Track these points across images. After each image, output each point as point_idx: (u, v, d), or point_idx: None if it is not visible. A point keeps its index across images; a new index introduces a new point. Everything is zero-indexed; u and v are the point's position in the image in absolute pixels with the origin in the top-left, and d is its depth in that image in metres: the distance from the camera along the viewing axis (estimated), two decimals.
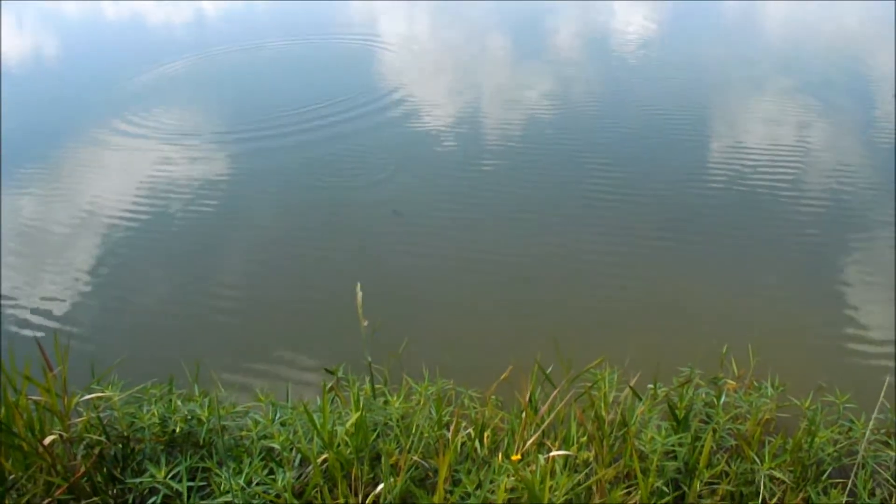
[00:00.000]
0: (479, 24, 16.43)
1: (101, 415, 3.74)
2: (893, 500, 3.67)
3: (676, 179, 8.38)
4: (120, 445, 3.68)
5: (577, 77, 12.05)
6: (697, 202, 7.87)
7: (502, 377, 4.04)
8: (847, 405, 4.30)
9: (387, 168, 8.80)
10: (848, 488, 3.79)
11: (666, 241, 7.21)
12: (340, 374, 4.22)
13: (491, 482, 3.45)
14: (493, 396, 4.13)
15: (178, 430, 3.77)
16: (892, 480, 3.88)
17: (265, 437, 3.69)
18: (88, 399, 3.72)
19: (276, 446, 3.60)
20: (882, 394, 3.68)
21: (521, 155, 9.14)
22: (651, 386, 4.13)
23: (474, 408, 4.09)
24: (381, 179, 8.58)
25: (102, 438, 3.63)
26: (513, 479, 3.35)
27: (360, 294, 3.30)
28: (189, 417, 3.82)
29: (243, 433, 3.80)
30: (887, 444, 4.15)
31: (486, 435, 3.75)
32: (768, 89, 11.31)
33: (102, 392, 3.71)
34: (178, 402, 3.90)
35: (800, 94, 11.00)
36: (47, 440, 3.42)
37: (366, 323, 3.37)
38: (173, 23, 17.52)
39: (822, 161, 8.71)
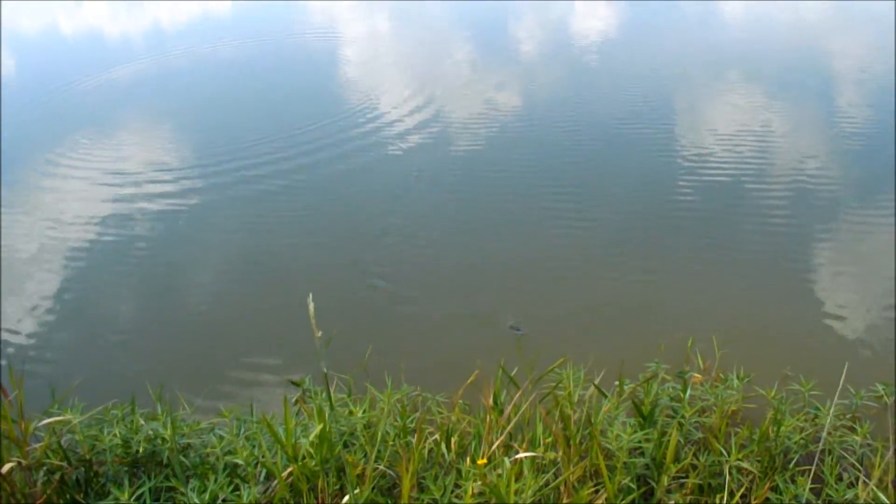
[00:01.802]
0: (442, 27, 16.46)
1: (62, 439, 3.69)
2: (860, 483, 3.67)
3: (638, 181, 8.40)
4: (82, 469, 3.63)
5: (541, 82, 12.05)
6: (660, 202, 7.88)
7: (468, 381, 4.03)
8: (812, 392, 4.33)
9: (351, 184, 8.76)
10: (815, 474, 3.80)
11: (627, 241, 7.22)
12: (306, 385, 4.19)
13: (458, 487, 3.44)
14: (461, 401, 4.11)
15: (141, 450, 3.72)
16: (857, 465, 3.89)
17: (230, 452, 3.65)
18: (47, 423, 3.66)
19: (241, 462, 3.56)
20: (842, 378, 3.67)
21: (483, 163, 9.12)
22: (617, 383, 4.12)
23: (441, 413, 4.08)
24: (349, 194, 8.56)
25: (63, 463, 3.57)
26: (480, 483, 3.33)
27: (311, 305, 3.26)
28: (152, 437, 3.78)
29: (208, 450, 3.76)
30: (853, 430, 4.18)
31: (453, 440, 3.74)
32: (729, 86, 11.38)
33: (61, 416, 3.65)
34: (141, 422, 3.85)
35: (761, 91, 11.06)
36: (5, 468, 3.35)
37: (320, 333, 3.34)
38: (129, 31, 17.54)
39: (785, 156, 8.76)
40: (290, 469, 3.49)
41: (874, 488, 3.58)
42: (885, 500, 3.49)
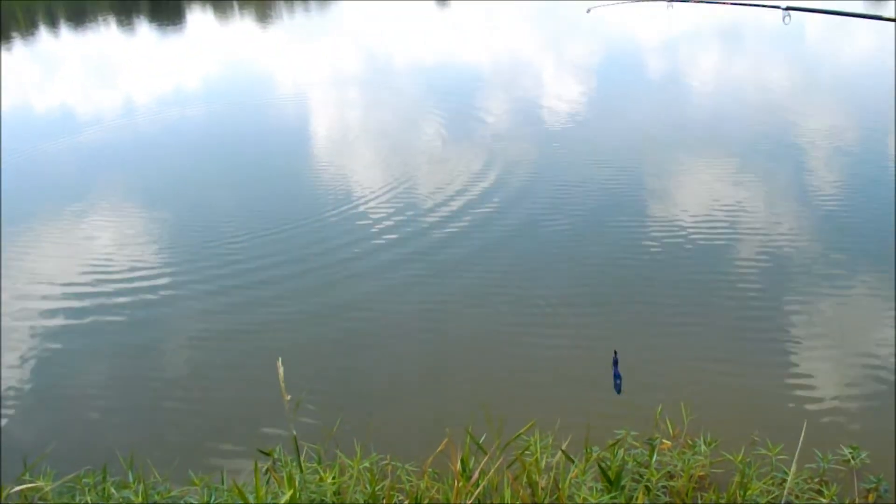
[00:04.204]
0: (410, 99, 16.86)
1: None
2: None
3: (607, 248, 8.54)
4: None
5: (511, 155, 12.26)
6: (629, 268, 8.00)
7: (439, 449, 4.06)
8: (780, 457, 4.39)
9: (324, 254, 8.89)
10: None
11: (596, 307, 7.31)
12: (276, 455, 4.22)
13: None
14: (430, 469, 4.15)
15: None
16: None
17: None
18: (19, 490, 3.68)
19: None
20: (801, 437, 3.74)
21: (449, 230, 9.29)
22: (586, 450, 4.17)
23: (410, 481, 4.11)
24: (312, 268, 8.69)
25: None
26: None
27: (280, 369, 3.33)
28: None
29: None
30: (819, 493, 4.24)
31: None
32: (699, 155, 11.64)
33: (33, 482, 3.68)
34: (112, 490, 3.88)
35: (730, 159, 11.31)
36: None
37: (289, 398, 3.40)
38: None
39: (755, 222, 8.93)
40: None
41: None
42: None
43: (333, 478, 3.84)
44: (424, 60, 21.39)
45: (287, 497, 3.56)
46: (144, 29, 35.20)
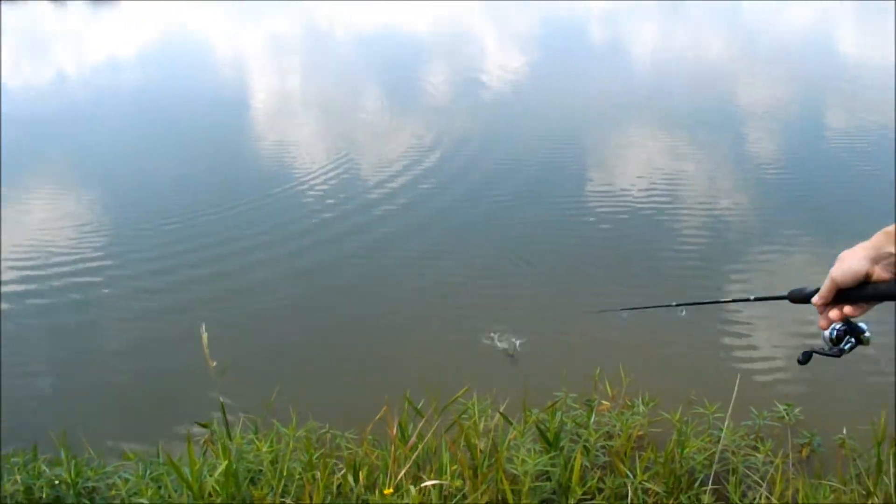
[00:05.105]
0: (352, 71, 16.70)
1: None
2: (762, 499, 3.78)
3: (546, 218, 8.59)
4: None
5: (455, 123, 12.24)
6: (568, 236, 8.06)
7: (378, 416, 4.05)
8: (716, 415, 4.44)
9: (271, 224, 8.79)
10: (719, 493, 3.90)
11: (536, 275, 7.35)
12: (214, 427, 4.17)
13: None
14: (370, 436, 4.14)
15: (44, 495, 3.66)
16: (760, 481, 3.99)
17: (135, 494, 3.61)
18: None
19: (146, 502, 3.53)
20: (733, 397, 3.80)
21: (390, 204, 9.26)
22: (524, 412, 4.19)
23: (349, 448, 4.09)
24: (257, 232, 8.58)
25: None
26: None
27: (204, 335, 3.28)
28: (55, 482, 3.72)
29: (113, 493, 3.71)
30: (756, 449, 4.30)
31: (361, 473, 3.75)
32: (640, 122, 11.75)
33: None
34: (44, 468, 3.80)
35: (670, 127, 11.44)
36: None
37: (214, 364, 3.35)
38: None
39: (694, 192, 9.04)
40: None
41: (776, 502, 3.68)
42: None
43: (270, 446, 3.80)
44: (367, 29, 21.14)
45: (222, 468, 3.52)
46: (79, 4, 34.31)
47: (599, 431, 4.16)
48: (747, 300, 2.37)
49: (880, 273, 1.83)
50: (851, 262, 1.87)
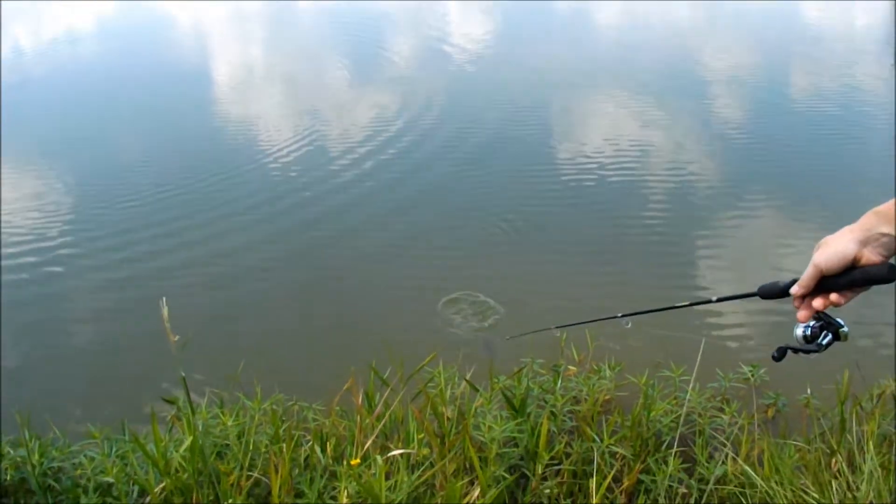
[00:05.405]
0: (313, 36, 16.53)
1: None
2: (729, 459, 3.82)
3: (513, 183, 8.59)
4: None
5: (417, 91, 12.17)
6: (534, 204, 8.06)
7: (346, 386, 4.04)
8: (683, 377, 4.47)
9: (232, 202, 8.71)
10: (686, 455, 3.94)
11: (500, 243, 7.36)
12: (181, 402, 4.14)
13: (334, 489, 3.46)
14: (338, 407, 4.13)
15: (8, 477, 3.63)
16: (726, 442, 4.03)
17: (101, 472, 3.59)
18: None
19: (112, 480, 3.51)
20: (698, 359, 3.83)
21: (350, 174, 9.22)
22: (491, 379, 4.20)
23: (316, 420, 4.09)
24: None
25: None
26: (354, 483, 3.36)
27: (165, 309, 3.25)
28: (20, 463, 3.69)
29: (78, 472, 3.68)
30: (721, 411, 4.34)
31: (328, 444, 3.75)
32: (606, 89, 11.75)
33: None
34: (9, 449, 3.76)
35: (637, 93, 11.45)
36: None
37: (176, 338, 3.32)
38: None
39: (661, 157, 9.07)
40: (163, 483, 3.46)
41: (742, 463, 3.73)
42: (753, 473, 3.63)
43: (235, 420, 3.78)
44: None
45: (188, 443, 3.51)
46: None
47: (566, 396, 4.18)
48: (709, 302, 2.30)
49: (869, 256, 1.78)
50: (838, 245, 1.80)
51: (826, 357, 5.20)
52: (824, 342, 1.88)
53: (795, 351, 1.95)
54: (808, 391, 4.66)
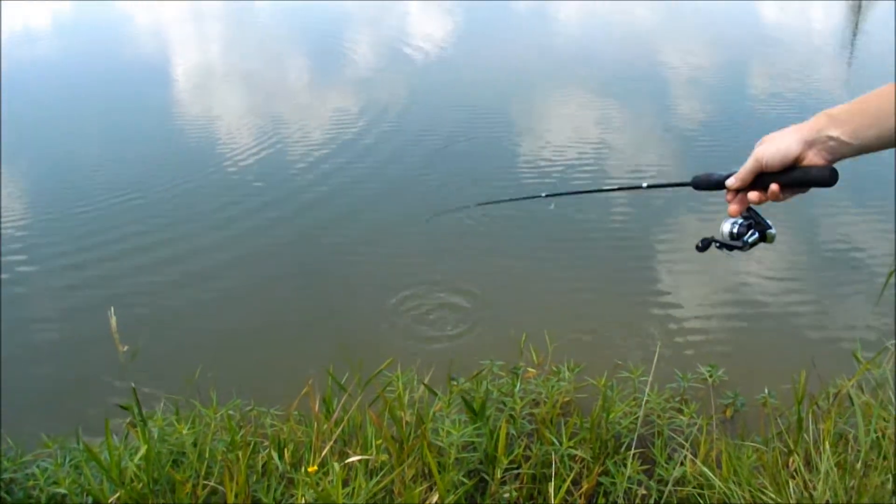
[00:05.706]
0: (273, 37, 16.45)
1: None
2: (688, 460, 3.83)
3: (470, 184, 8.59)
4: None
5: (377, 92, 12.14)
6: (490, 206, 8.04)
7: (303, 392, 4.01)
8: (642, 378, 4.49)
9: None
10: (646, 456, 3.95)
11: (457, 243, 7.33)
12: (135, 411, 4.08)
13: (291, 497, 3.43)
14: (296, 412, 4.10)
15: None
16: (686, 444, 4.05)
17: (54, 483, 3.53)
18: None
19: (65, 491, 3.45)
20: (654, 360, 3.85)
21: (310, 175, 9.18)
22: (449, 382, 4.19)
23: (274, 426, 4.06)
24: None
25: None
26: (311, 491, 3.33)
27: (113, 319, 3.20)
28: None
29: (31, 483, 3.62)
30: (680, 411, 4.37)
31: (286, 450, 3.72)
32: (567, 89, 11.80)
33: None
34: None
35: (597, 94, 11.51)
36: None
37: (125, 348, 3.28)
38: None
39: (621, 159, 9.12)
40: (117, 494, 3.40)
41: (700, 465, 3.74)
42: (711, 475, 3.65)
43: (191, 426, 3.74)
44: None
45: (142, 452, 3.46)
46: None
47: (525, 399, 4.17)
48: (639, 188, 2.21)
49: (813, 158, 1.74)
50: (781, 142, 1.76)
51: (784, 355, 5.27)
52: (750, 240, 1.83)
53: (720, 246, 1.90)
54: (766, 391, 4.70)
